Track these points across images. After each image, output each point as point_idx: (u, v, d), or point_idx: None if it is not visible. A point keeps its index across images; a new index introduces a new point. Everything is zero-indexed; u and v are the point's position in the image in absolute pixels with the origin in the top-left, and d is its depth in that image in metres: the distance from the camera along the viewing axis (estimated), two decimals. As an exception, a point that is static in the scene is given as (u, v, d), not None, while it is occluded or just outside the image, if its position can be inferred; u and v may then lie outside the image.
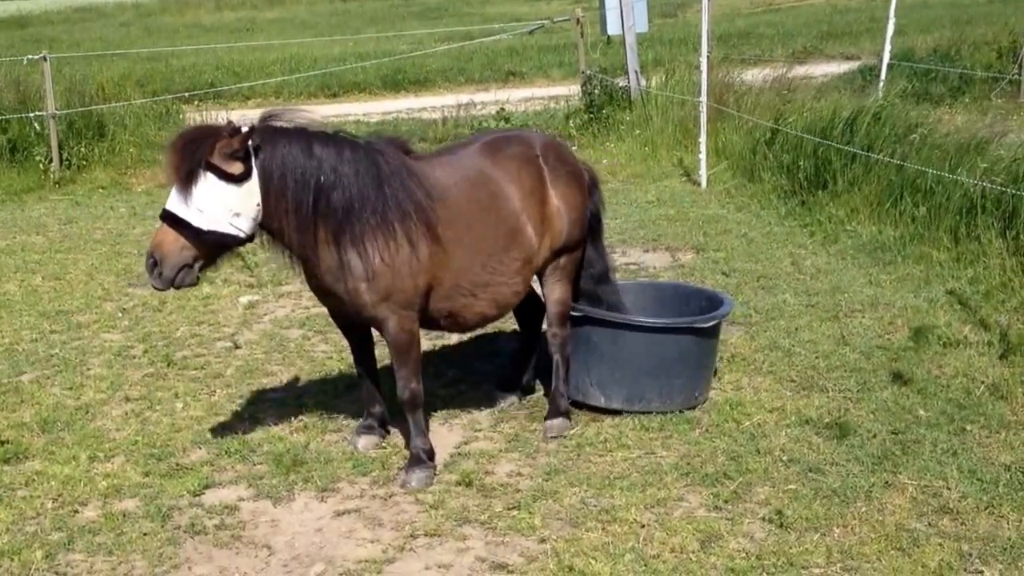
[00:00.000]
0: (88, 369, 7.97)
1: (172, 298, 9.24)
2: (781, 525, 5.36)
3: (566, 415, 6.55)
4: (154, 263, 5.36)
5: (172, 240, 5.35)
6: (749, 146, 13.10)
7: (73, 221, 13.21)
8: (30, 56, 17.23)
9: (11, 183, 15.37)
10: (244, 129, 5.39)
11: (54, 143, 15.64)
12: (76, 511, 5.80)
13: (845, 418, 6.43)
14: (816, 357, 7.44)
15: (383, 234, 5.64)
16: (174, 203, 5.30)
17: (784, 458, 6.04)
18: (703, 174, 12.94)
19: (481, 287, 6.08)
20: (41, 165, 15.64)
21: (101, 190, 15.20)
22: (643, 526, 5.43)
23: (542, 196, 6.23)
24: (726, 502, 5.62)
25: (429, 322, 6.18)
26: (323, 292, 5.90)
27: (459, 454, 6.33)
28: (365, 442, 6.43)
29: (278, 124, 5.63)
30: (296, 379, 7.59)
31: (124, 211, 13.71)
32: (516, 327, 7.19)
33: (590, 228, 6.63)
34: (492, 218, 6.06)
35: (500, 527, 5.49)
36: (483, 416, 6.87)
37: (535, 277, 6.46)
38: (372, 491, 5.93)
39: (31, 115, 16.12)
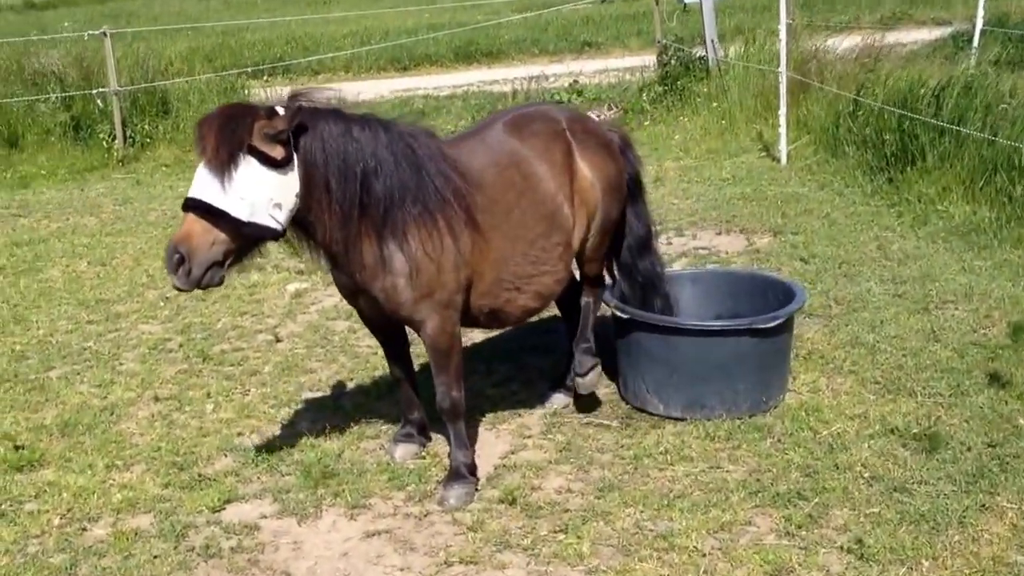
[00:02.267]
0: (121, 364, 7.54)
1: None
2: (861, 556, 4.72)
3: (594, 364, 6.09)
4: (180, 259, 4.68)
5: (202, 232, 4.69)
6: (832, 119, 12.31)
7: (129, 202, 12.87)
8: (90, 32, 16.88)
9: (75, 162, 15.17)
10: (281, 110, 4.82)
11: (117, 120, 15.37)
12: (84, 528, 5.34)
13: (936, 428, 5.73)
14: (903, 355, 6.73)
15: (425, 224, 5.10)
16: (207, 190, 4.65)
17: (866, 475, 5.38)
18: (783, 149, 12.18)
19: (524, 279, 5.54)
20: (104, 143, 15.42)
21: (164, 168, 14.91)
22: (704, 555, 4.82)
23: (573, 171, 5.69)
24: (799, 527, 4.98)
25: (468, 320, 5.62)
26: (355, 290, 5.35)
27: (504, 466, 5.76)
28: (403, 452, 5.89)
29: (314, 105, 5.05)
30: (336, 377, 7.07)
31: (183, 190, 13.19)
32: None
33: (628, 193, 6.12)
34: (529, 201, 5.52)
35: (544, 554, 4.92)
36: (534, 420, 6.29)
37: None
38: (406, 508, 5.38)
39: (94, 92, 15.82)
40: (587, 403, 6.28)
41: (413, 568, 4.89)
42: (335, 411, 6.56)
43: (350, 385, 6.91)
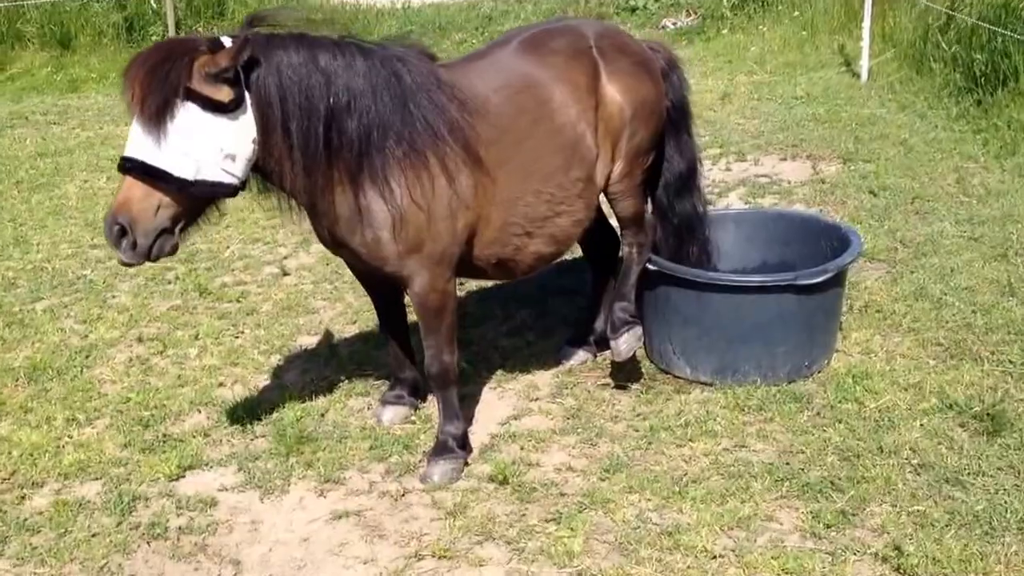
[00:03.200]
0: (113, 297, 6.98)
1: (234, 207, 8.05)
2: (899, 568, 3.99)
3: (631, 324, 5.30)
4: (121, 230, 4.01)
5: (143, 197, 3.99)
6: (920, 33, 11.24)
7: (168, 112, 12.20)
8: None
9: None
10: (229, 41, 4.08)
11: (171, 21, 14.83)
12: (24, 497, 4.79)
13: (1002, 405, 4.93)
14: (973, 311, 5.90)
15: (412, 167, 4.38)
16: (141, 147, 3.94)
17: (914, 461, 4.62)
18: (864, 64, 11.20)
19: (537, 221, 4.82)
20: (157, 45, 14.71)
21: (216, 75, 14.14)
22: (714, 557, 4.14)
23: (599, 94, 4.91)
24: (828, 527, 4.25)
25: (472, 272, 4.94)
26: (334, 243, 4.65)
27: (503, 435, 5.09)
28: (391, 415, 5.24)
29: (270, 31, 4.31)
30: (339, 321, 6.42)
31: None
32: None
33: (669, 120, 5.34)
34: (544, 131, 4.77)
35: (529, 549, 4.26)
36: (545, 379, 5.59)
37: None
38: (384, 485, 4.75)
39: (148, -10, 15.32)
40: (626, 372, 5.51)
41: (378, 560, 4.26)
42: (328, 361, 5.92)
43: (351, 330, 6.26)
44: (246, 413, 5.35)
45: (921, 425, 4.86)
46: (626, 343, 5.24)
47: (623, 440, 4.95)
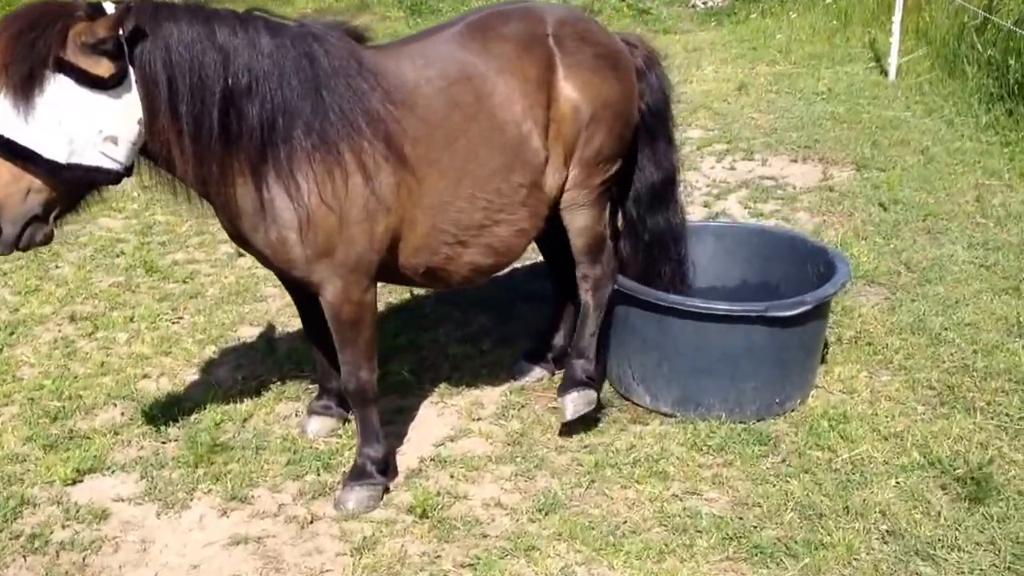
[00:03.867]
0: (56, 268, 6.56)
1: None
2: (847, 659, 3.46)
3: (585, 385, 4.73)
4: None
5: (10, 180, 3.47)
6: (955, 32, 10.58)
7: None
8: None
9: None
10: (111, 7, 3.57)
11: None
12: (-99, 494, 4.32)
13: (990, 468, 4.40)
14: (974, 351, 5.35)
15: (323, 161, 3.86)
16: (7, 123, 3.42)
17: (883, 527, 4.11)
18: (893, 61, 10.58)
19: (472, 229, 4.30)
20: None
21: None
22: (639, 629, 3.60)
23: (552, 90, 4.33)
24: (775, 601, 3.72)
25: (399, 279, 4.41)
26: (239, 240, 4.17)
27: (434, 459, 4.61)
28: (316, 427, 4.79)
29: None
30: (285, 311, 5.96)
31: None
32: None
33: (643, 125, 4.77)
34: (482, 128, 4.22)
35: (434, 601, 3.75)
36: (493, 396, 5.11)
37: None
38: (293, 508, 4.29)
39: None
40: (574, 430, 4.96)
41: (267, 600, 3.77)
42: (266, 357, 5.47)
43: (296, 324, 5.76)
44: (163, 412, 4.92)
45: (897, 483, 4.34)
46: (573, 405, 4.68)
47: (564, 475, 4.47)
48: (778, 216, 7.26)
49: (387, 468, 4.40)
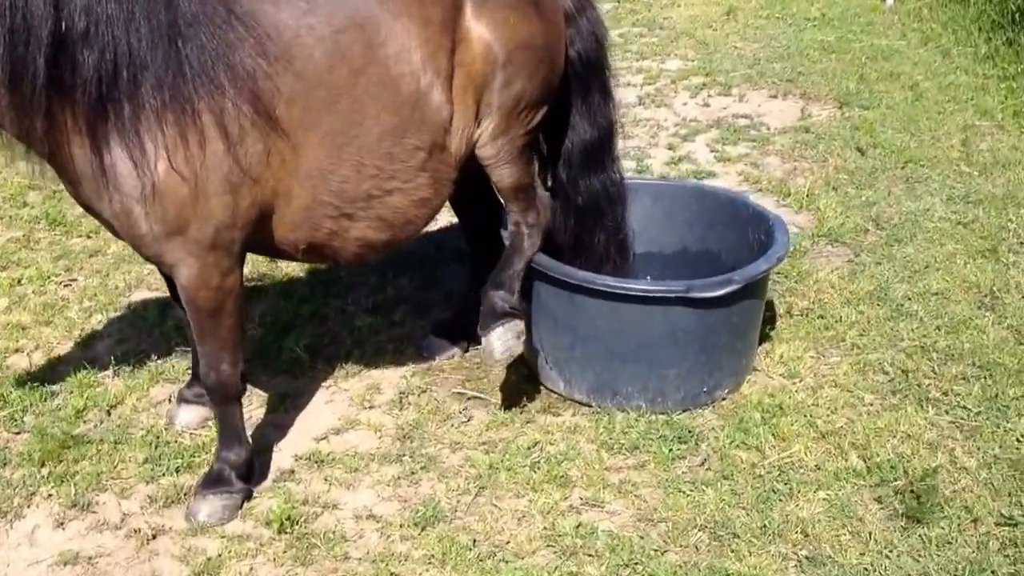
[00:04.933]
0: (-50, 220, 5.97)
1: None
2: None
3: (509, 316, 4.13)
4: None
5: None
6: (960, -51, 9.77)
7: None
8: None
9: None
10: None
11: None
12: None
13: (935, 478, 3.85)
14: (937, 327, 4.78)
15: (175, 122, 3.31)
16: None
17: (802, 552, 3.59)
18: (893, -17, 9.78)
19: (359, 201, 3.75)
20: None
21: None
22: None
23: (458, 33, 3.80)
24: (665, 645, 3.21)
25: (277, 255, 3.87)
26: (84, 205, 3.64)
27: (311, 458, 4.10)
28: (186, 417, 4.28)
29: None
30: (185, 272, 5.37)
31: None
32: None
33: (574, 75, 4.26)
34: (371, 84, 3.65)
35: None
36: (392, 378, 4.59)
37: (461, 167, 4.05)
38: (139, 518, 3.81)
39: None
40: (505, 385, 4.47)
41: (86, 636, 3.29)
42: (153, 328, 4.97)
43: (193, 288, 5.22)
44: (25, 395, 4.45)
45: (826, 497, 3.81)
46: (500, 340, 4.11)
47: (453, 478, 3.95)
48: (747, 161, 6.66)
49: (250, 473, 3.90)
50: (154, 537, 3.70)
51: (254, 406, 4.39)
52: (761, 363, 4.58)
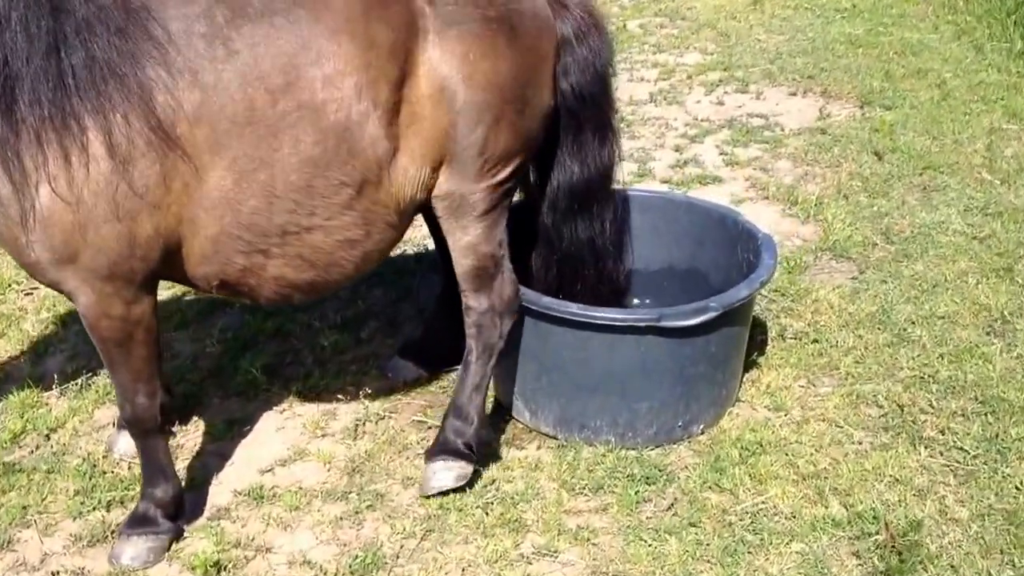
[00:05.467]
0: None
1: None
2: None
3: (457, 455, 3.80)
4: None
5: None
6: (999, -61, 9.31)
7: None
8: None
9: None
10: None
11: None
12: None
13: (919, 533, 3.53)
14: (940, 356, 4.44)
15: (57, 140, 3.01)
16: None
17: (766, 617, 3.24)
18: (930, -28, 9.34)
19: (273, 236, 3.36)
20: None
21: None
22: None
23: (410, 61, 3.35)
24: None
25: (193, 286, 3.56)
26: None
27: (252, 493, 3.85)
28: (125, 445, 4.04)
29: None
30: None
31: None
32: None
33: (566, 110, 3.78)
34: (292, 107, 3.24)
35: None
36: (350, 405, 4.32)
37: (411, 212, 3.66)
38: (60, 559, 3.60)
39: None
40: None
41: None
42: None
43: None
44: (-38, 413, 4.17)
45: (799, 550, 3.50)
46: (436, 477, 3.77)
47: (399, 519, 3.68)
48: (756, 165, 6.31)
49: (178, 510, 3.64)
50: (70, 582, 3.44)
51: (199, 432, 4.12)
52: (746, 392, 4.26)
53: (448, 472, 3.75)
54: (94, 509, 3.76)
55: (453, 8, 3.39)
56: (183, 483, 3.77)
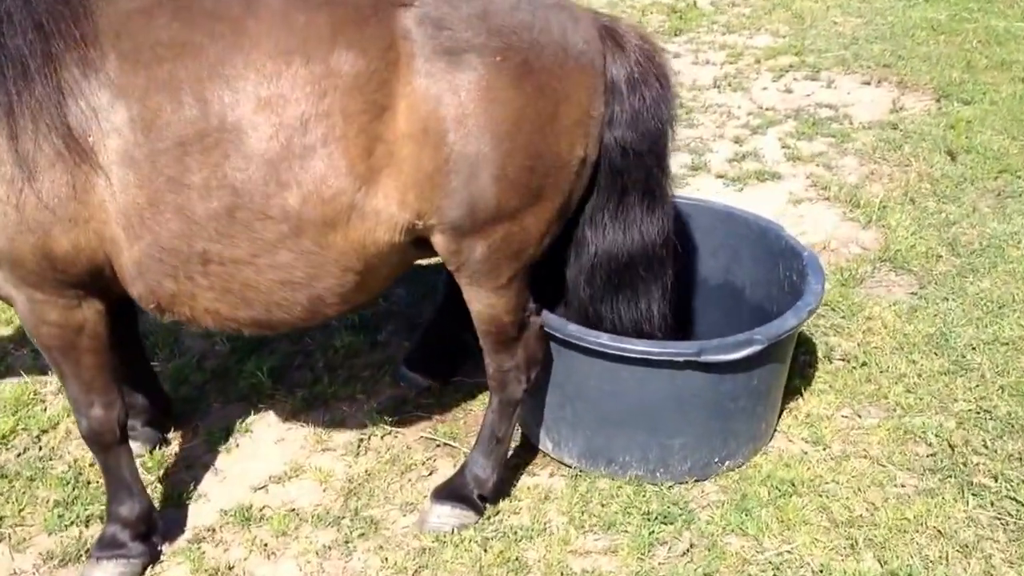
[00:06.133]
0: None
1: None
2: None
3: (465, 502, 3.53)
4: None
5: None
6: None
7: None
8: None
9: None
10: None
11: None
12: None
13: (959, 597, 3.15)
14: (1000, 388, 4.08)
15: None
16: None
17: None
18: (1024, -47, 8.79)
19: (195, 264, 2.97)
20: None
21: None
22: None
23: (384, 94, 2.85)
24: None
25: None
26: None
27: (238, 514, 3.61)
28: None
29: None
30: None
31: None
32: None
33: (609, 167, 3.26)
34: (215, 125, 2.83)
35: None
36: (355, 416, 4.07)
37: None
38: (32, 577, 3.31)
39: None
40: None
41: None
42: (113, 336, 4.44)
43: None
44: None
45: (820, 610, 3.14)
46: (438, 519, 3.50)
47: (392, 551, 3.42)
48: (820, 160, 5.92)
49: (150, 530, 3.40)
50: (40, 607, 3.23)
51: (194, 441, 3.89)
52: (783, 422, 3.92)
53: (453, 519, 3.50)
54: (72, 524, 3.55)
55: (449, 34, 2.88)
56: (169, 496, 3.55)
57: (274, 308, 3.05)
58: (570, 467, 3.75)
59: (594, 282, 3.45)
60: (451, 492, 3.52)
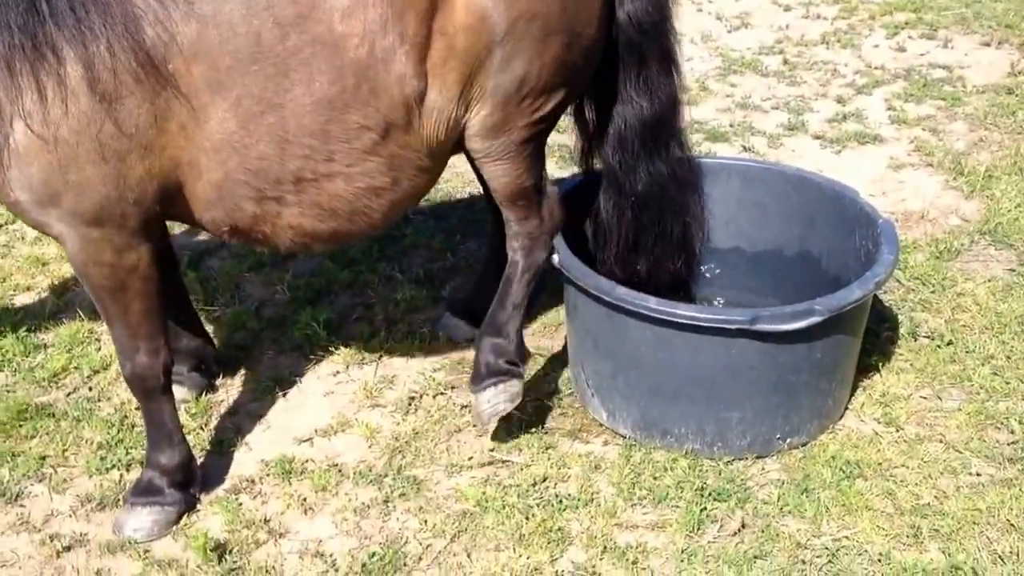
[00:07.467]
0: None
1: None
2: None
3: (503, 374, 3.50)
4: None
5: None
6: None
7: None
8: None
9: None
10: None
11: None
12: None
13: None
14: (1096, 375, 3.75)
15: (31, 72, 2.70)
16: None
17: None
18: None
19: (286, 184, 3.01)
20: None
21: None
22: None
23: None
24: None
25: (206, 230, 3.24)
26: None
27: (279, 466, 3.54)
28: (179, 392, 3.73)
29: None
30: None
31: None
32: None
33: (627, 43, 3.39)
34: (305, 42, 2.87)
35: None
36: (410, 370, 3.98)
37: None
38: (67, 521, 3.35)
39: None
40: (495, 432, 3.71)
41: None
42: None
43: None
44: (11, 346, 4.12)
45: (874, 605, 2.94)
46: (490, 404, 3.46)
47: (433, 513, 3.32)
48: (926, 124, 5.63)
49: (188, 479, 3.35)
50: (68, 549, 3.21)
51: (242, 389, 3.82)
52: (856, 400, 3.70)
53: (501, 395, 3.47)
54: (113, 467, 3.51)
55: None
56: (211, 445, 3.49)
57: (357, 217, 3.16)
58: (625, 437, 3.58)
59: (628, 147, 3.53)
60: (486, 373, 3.49)
